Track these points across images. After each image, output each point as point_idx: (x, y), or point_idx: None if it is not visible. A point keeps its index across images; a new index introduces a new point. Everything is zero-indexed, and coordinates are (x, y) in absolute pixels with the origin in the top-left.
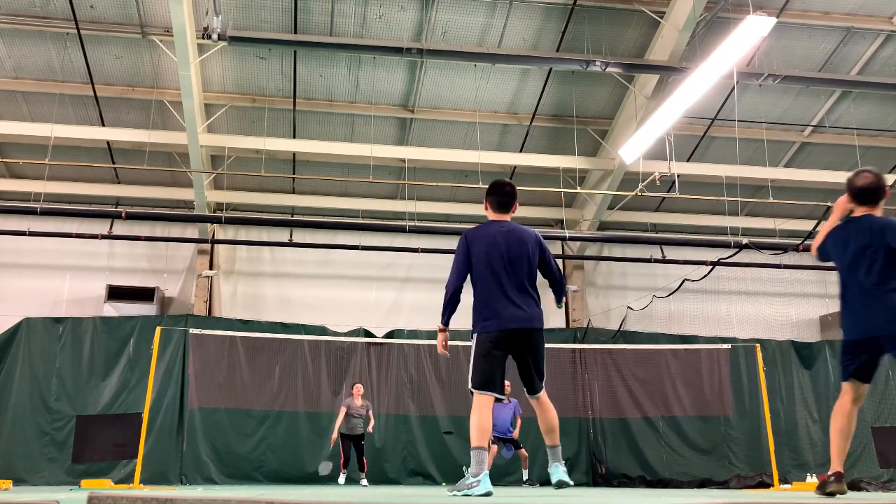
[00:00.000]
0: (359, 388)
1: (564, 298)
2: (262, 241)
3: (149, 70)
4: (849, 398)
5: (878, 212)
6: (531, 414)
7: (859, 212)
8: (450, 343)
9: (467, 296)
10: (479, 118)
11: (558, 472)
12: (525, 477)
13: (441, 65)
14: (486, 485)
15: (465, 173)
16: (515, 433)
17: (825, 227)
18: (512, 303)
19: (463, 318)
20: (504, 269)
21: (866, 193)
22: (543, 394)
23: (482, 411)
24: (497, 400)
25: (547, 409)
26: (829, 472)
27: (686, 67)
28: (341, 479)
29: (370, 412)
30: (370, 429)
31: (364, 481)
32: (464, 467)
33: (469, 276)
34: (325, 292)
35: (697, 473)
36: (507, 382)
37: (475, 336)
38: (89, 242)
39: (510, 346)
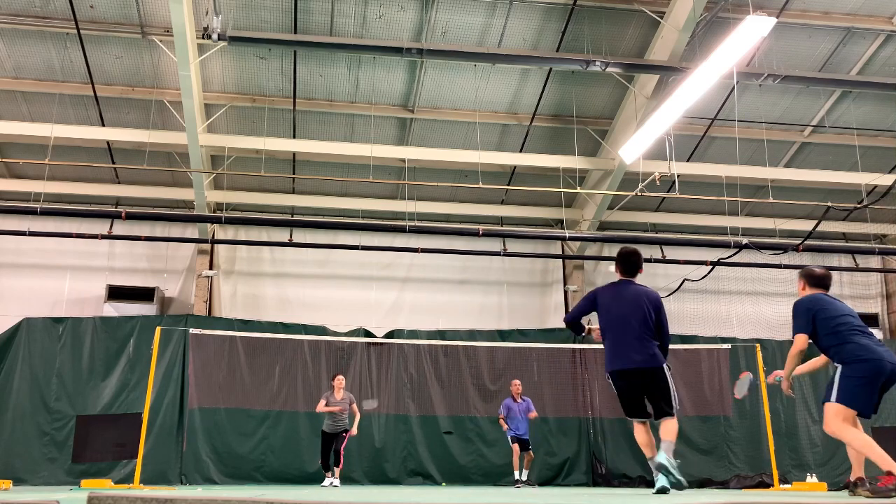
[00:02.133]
0: (340, 381)
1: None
2: (262, 241)
3: (149, 70)
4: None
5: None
6: (541, 413)
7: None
8: (448, 343)
9: (469, 296)
10: (479, 118)
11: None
12: (525, 477)
13: (441, 65)
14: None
15: (465, 173)
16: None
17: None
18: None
19: (463, 318)
20: (624, 319)
21: (824, 280)
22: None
23: None
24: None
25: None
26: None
27: (686, 67)
28: (326, 481)
29: (354, 406)
30: (354, 430)
31: (336, 481)
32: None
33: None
34: (325, 292)
35: (697, 473)
36: (517, 381)
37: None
38: (89, 242)
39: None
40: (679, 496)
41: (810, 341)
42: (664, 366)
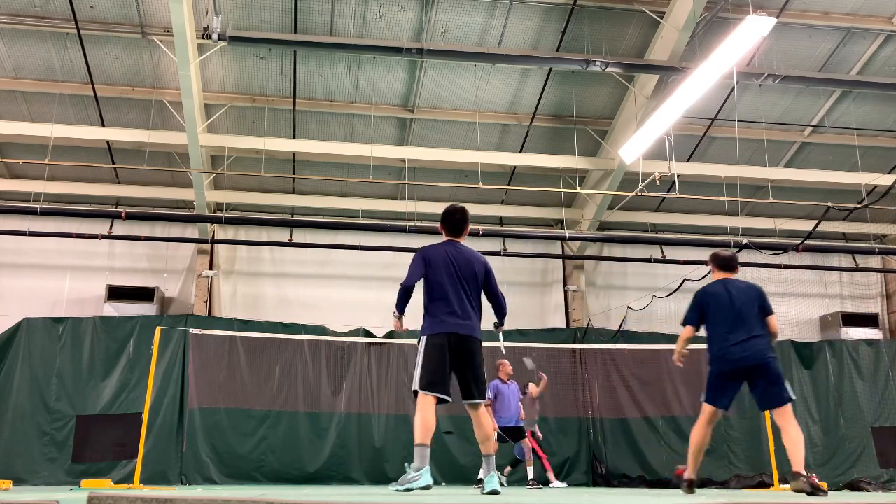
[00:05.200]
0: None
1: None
2: (262, 241)
3: (149, 70)
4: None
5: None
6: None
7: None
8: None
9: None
10: (479, 118)
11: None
12: (530, 474)
13: (441, 65)
14: (427, 478)
15: (465, 173)
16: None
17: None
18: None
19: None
20: (453, 284)
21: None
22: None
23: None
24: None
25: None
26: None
27: (686, 67)
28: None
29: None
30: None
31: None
32: (405, 464)
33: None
34: (325, 292)
35: (698, 473)
36: (505, 361)
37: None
38: (89, 242)
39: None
40: (679, 496)
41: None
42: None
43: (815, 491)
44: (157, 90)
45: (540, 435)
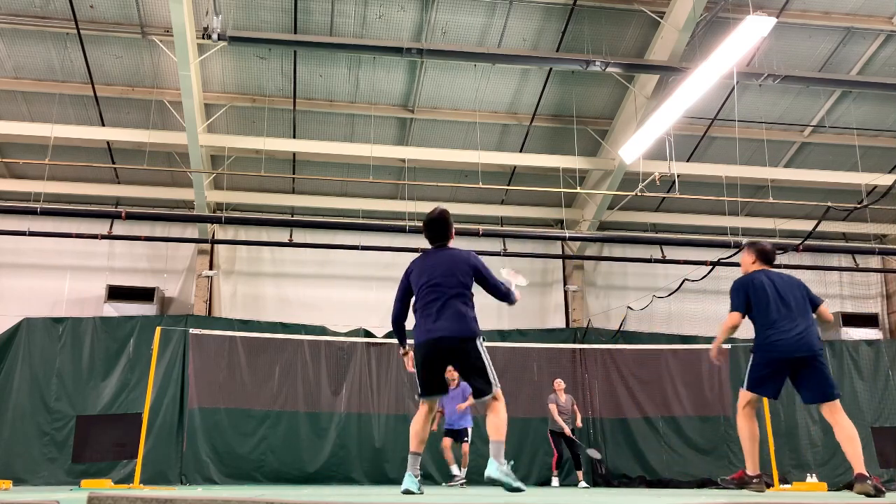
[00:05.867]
0: (560, 383)
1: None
2: (261, 241)
3: (149, 70)
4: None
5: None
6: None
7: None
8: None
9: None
10: (479, 118)
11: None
12: (460, 472)
13: (441, 65)
14: (407, 482)
15: (465, 173)
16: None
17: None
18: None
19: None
20: (428, 292)
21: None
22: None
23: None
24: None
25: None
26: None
27: (686, 67)
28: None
29: (575, 406)
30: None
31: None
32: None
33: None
34: (324, 292)
35: (697, 473)
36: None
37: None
38: (89, 242)
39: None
40: (679, 496)
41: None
42: (477, 339)
43: (878, 493)
44: (157, 90)
45: (573, 436)
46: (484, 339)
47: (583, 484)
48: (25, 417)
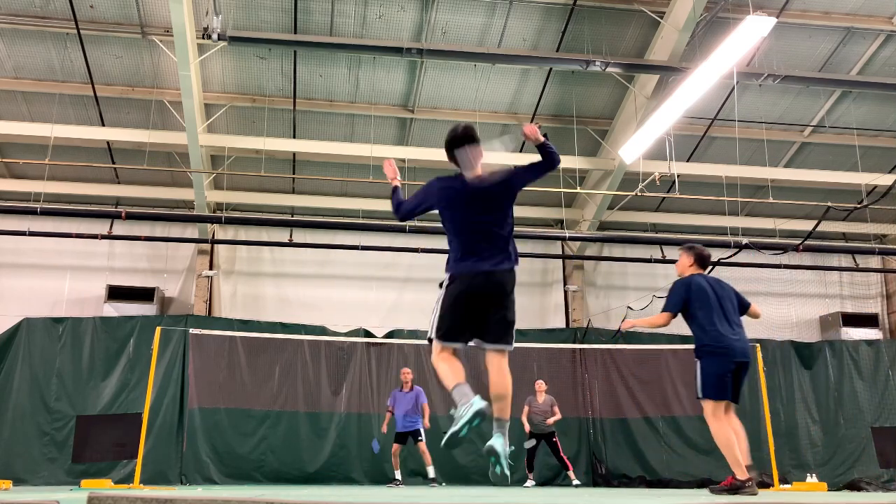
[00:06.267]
0: (540, 384)
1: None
2: (261, 241)
3: (149, 70)
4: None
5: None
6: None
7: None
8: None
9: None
10: (479, 118)
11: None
12: (431, 474)
13: (441, 65)
14: (478, 405)
15: None
16: (425, 422)
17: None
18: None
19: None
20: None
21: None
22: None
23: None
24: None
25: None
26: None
27: (686, 67)
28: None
29: (555, 408)
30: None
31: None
32: (450, 410)
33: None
34: (325, 292)
35: (697, 473)
36: (406, 369)
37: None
38: (89, 242)
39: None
40: (679, 496)
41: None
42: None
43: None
44: (157, 90)
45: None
46: None
47: (530, 482)
48: (25, 417)
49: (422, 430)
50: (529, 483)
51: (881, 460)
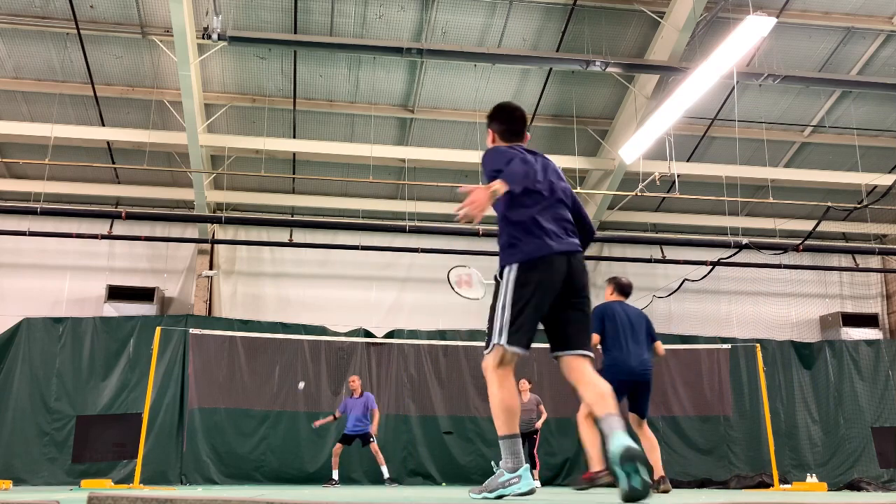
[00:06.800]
0: (524, 383)
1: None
2: (262, 241)
3: (149, 70)
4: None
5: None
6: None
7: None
8: (448, 343)
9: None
10: (479, 118)
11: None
12: (386, 474)
13: (441, 65)
14: (528, 481)
15: (465, 173)
16: (373, 429)
17: None
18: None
19: (463, 318)
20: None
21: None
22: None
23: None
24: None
25: None
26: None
27: (686, 67)
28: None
29: (541, 406)
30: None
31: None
32: (492, 462)
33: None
34: (325, 292)
35: (697, 473)
36: (355, 377)
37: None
38: (89, 242)
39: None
40: (679, 496)
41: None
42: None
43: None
44: (157, 90)
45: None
46: (484, 339)
47: (536, 483)
48: (25, 417)
49: (372, 433)
50: None
51: (881, 460)
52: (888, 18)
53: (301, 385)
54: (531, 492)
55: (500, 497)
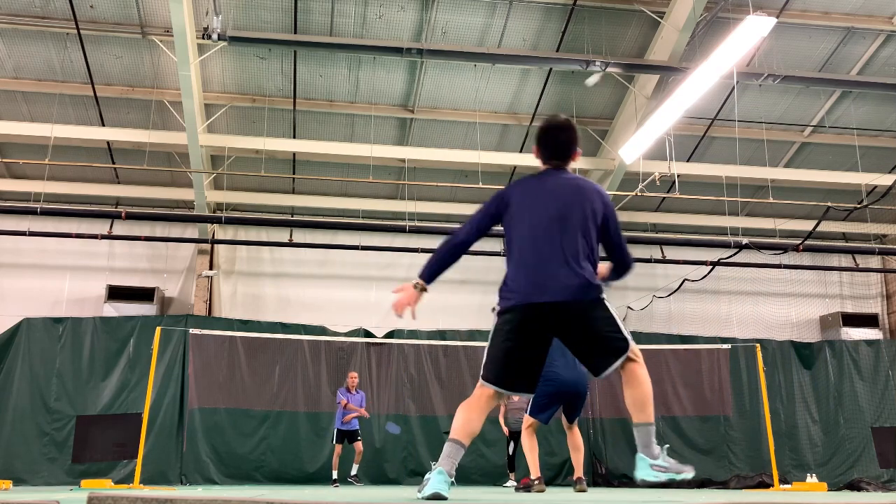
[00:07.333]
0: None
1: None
2: (261, 241)
3: (149, 70)
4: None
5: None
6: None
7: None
8: (448, 343)
9: (469, 296)
10: (479, 118)
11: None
12: (353, 471)
13: (441, 65)
14: (432, 484)
15: (465, 173)
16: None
17: None
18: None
19: (463, 318)
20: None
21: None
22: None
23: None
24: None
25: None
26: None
27: (686, 67)
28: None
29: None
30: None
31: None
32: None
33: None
34: (324, 292)
35: (697, 473)
36: (353, 374)
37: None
38: (89, 242)
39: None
40: (679, 496)
41: None
42: (604, 298)
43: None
44: (157, 90)
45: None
46: (484, 340)
47: (510, 482)
48: (25, 417)
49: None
50: (510, 483)
51: (881, 460)
52: (888, 18)
53: (395, 429)
54: (434, 496)
55: (426, 497)
